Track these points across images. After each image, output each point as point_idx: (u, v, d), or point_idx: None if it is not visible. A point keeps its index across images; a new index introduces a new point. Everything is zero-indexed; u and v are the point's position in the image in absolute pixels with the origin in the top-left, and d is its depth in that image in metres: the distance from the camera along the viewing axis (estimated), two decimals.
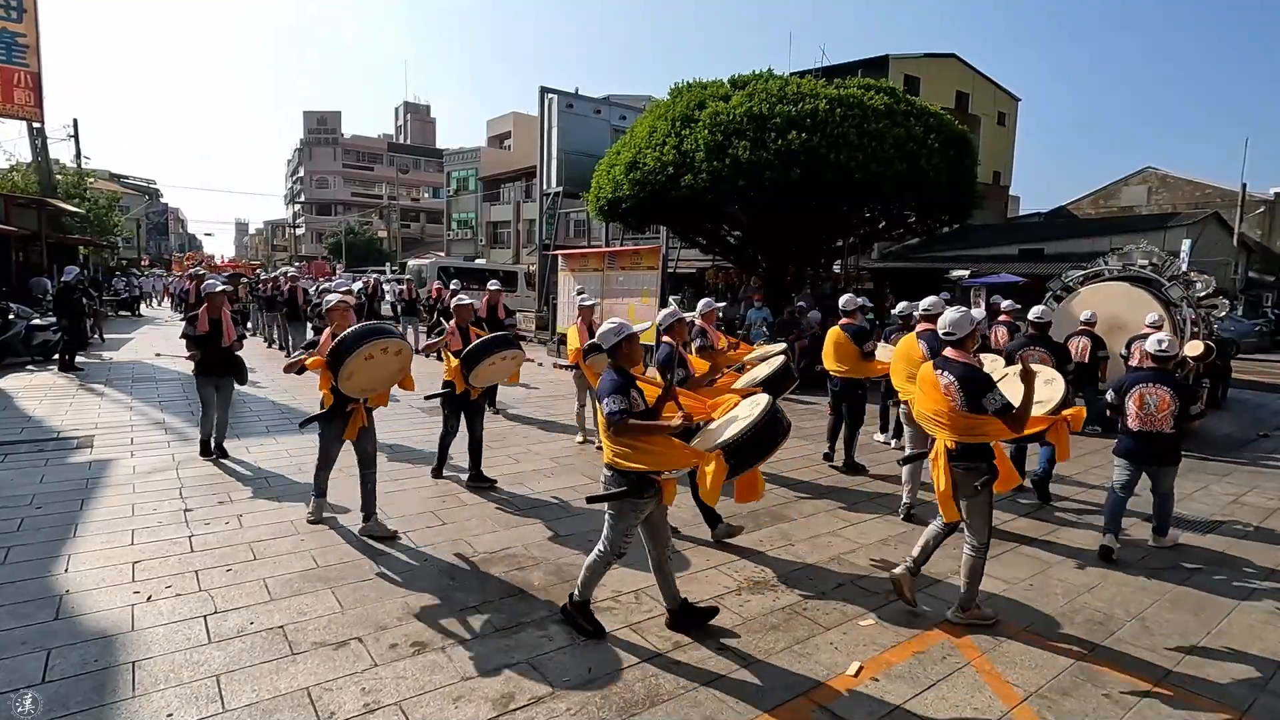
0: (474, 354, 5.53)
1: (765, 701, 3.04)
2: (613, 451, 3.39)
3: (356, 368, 4.31)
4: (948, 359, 3.72)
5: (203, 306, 6.23)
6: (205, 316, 6.17)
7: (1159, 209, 30.02)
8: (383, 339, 4.37)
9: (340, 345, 4.28)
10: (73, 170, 28.06)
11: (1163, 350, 4.83)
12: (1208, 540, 5.25)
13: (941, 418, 3.66)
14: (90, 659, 3.16)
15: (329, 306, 4.81)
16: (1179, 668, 3.43)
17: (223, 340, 6.22)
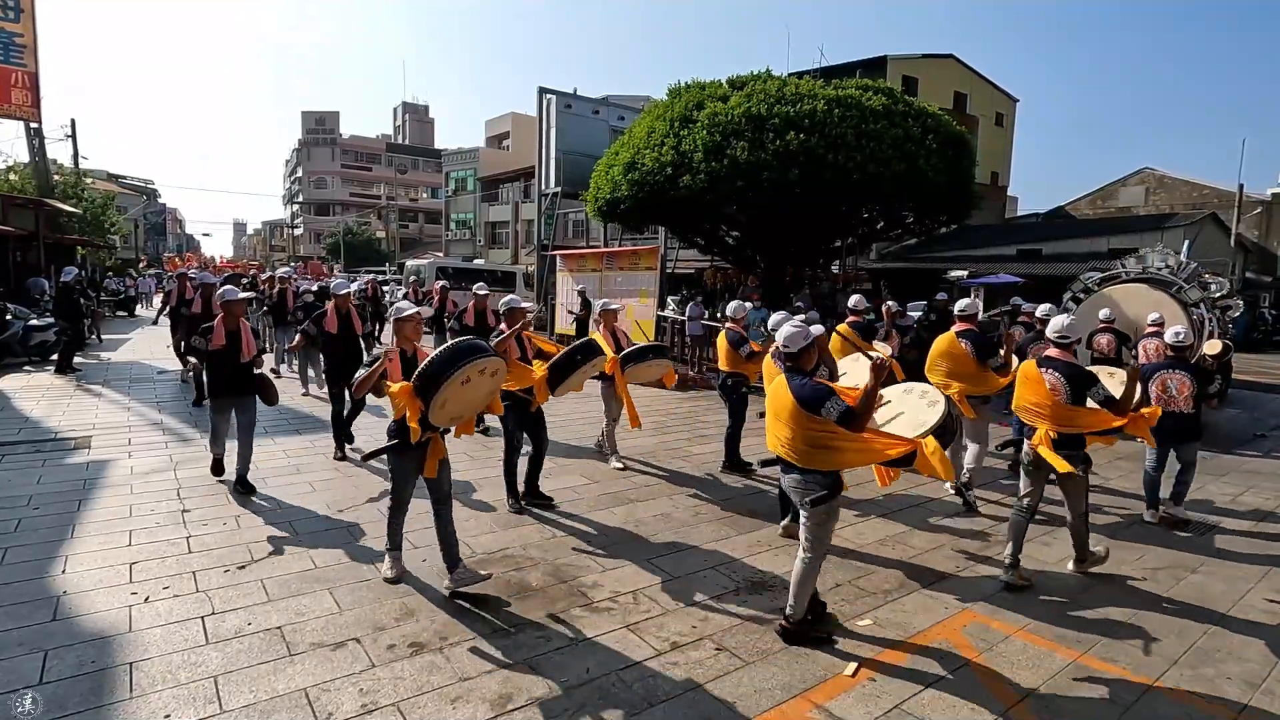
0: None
1: (763, 702, 3.04)
2: (809, 457, 3.39)
3: (452, 394, 3.70)
4: (1052, 359, 4.24)
5: (218, 317, 5.39)
6: (221, 328, 5.31)
7: (1157, 209, 30.06)
8: (480, 358, 3.73)
9: (433, 368, 3.64)
10: (70, 170, 28.02)
11: (1180, 341, 5.42)
12: (1205, 539, 5.26)
13: (1044, 410, 4.16)
14: (88, 660, 3.16)
15: (398, 318, 4.09)
16: (1175, 667, 3.44)
17: (241, 354, 5.34)
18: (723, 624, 3.71)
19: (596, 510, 5.44)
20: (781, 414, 3.45)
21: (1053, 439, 4.15)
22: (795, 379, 3.43)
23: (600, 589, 4.08)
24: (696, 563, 4.51)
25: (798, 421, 3.37)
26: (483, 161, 45.86)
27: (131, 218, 41.09)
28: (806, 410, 3.32)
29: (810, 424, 3.33)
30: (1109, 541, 4.97)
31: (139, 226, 43.90)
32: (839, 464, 3.43)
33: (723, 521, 5.28)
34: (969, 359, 5.57)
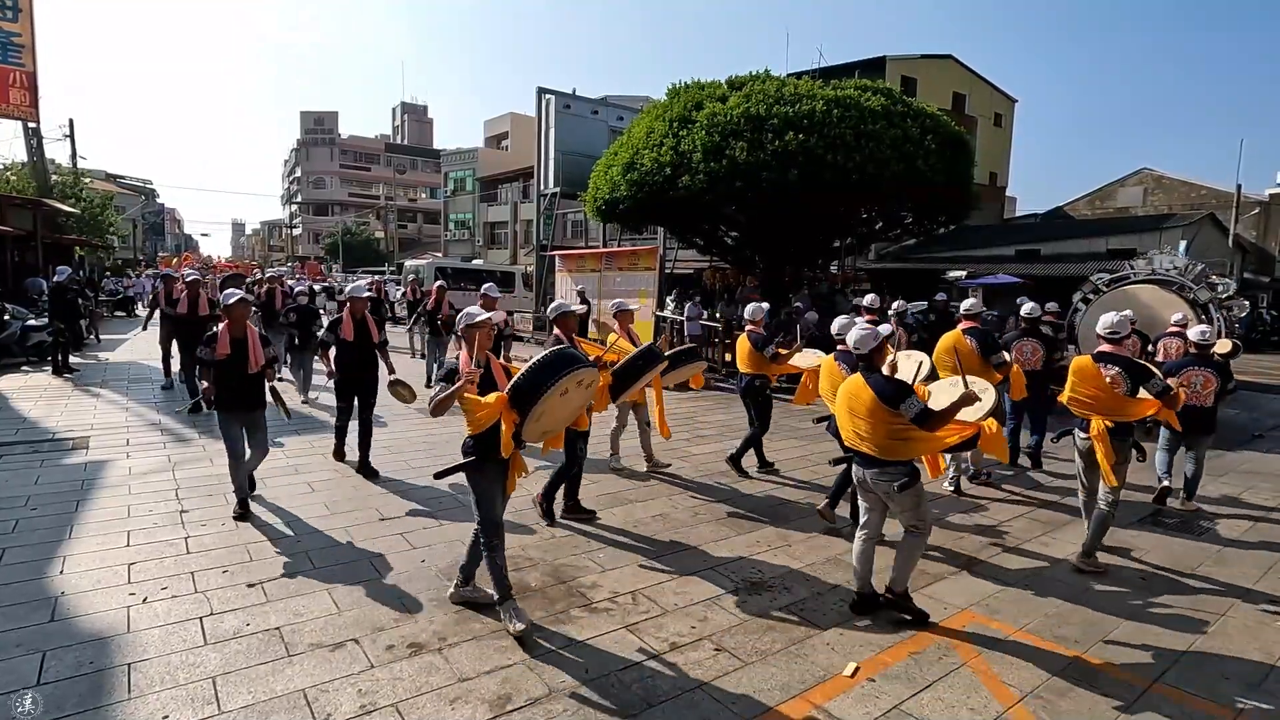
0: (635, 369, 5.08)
1: (762, 702, 3.04)
2: (889, 450, 3.69)
3: (549, 407, 3.46)
4: (1108, 354, 4.55)
5: (223, 324, 4.95)
6: (226, 335, 4.85)
7: (1155, 210, 30.09)
8: (579, 369, 3.53)
9: (533, 379, 3.41)
10: (68, 170, 28.00)
11: (1204, 340, 5.90)
12: (1203, 540, 5.26)
13: (1096, 402, 4.46)
14: (85, 661, 3.15)
15: (470, 324, 3.65)
16: (1174, 668, 3.44)
17: (249, 364, 4.90)
18: (722, 624, 3.71)
19: (595, 510, 5.43)
20: (859, 410, 3.71)
21: (1109, 428, 4.43)
22: (873, 377, 3.71)
23: (599, 589, 4.08)
24: (695, 563, 4.51)
25: (877, 417, 3.64)
26: (481, 162, 45.84)
27: (130, 217, 41.05)
28: (888, 406, 3.59)
29: (891, 419, 3.62)
30: (1113, 540, 4.99)
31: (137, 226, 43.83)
32: (913, 453, 3.77)
33: (721, 522, 5.28)
34: (974, 355, 5.90)
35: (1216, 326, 9.15)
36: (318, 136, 66.85)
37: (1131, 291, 10.04)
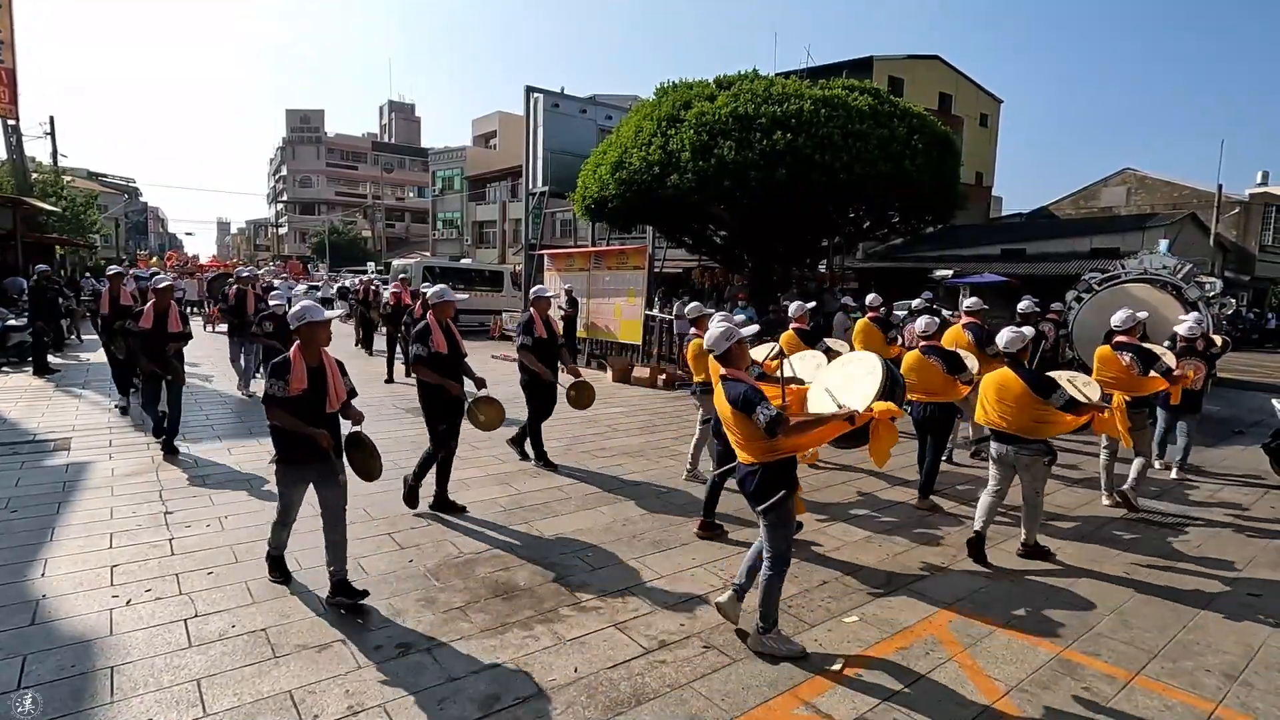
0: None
1: (750, 698, 3.06)
2: (1032, 431, 4.39)
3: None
4: (1123, 343, 5.74)
5: (294, 346, 3.70)
6: (300, 364, 3.64)
7: (1138, 209, 30.46)
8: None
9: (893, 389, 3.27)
10: (49, 168, 27.60)
11: (1192, 334, 6.74)
12: (1185, 535, 5.34)
13: (1117, 382, 5.54)
14: (67, 664, 3.11)
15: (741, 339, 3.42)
16: (1156, 661, 3.49)
17: (328, 401, 3.75)
18: (710, 622, 3.72)
19: (584, 509, 5.44)
20: (1007, 398, 4.45)
21: (1127, 402, 5.44)
22: (1024, 371, 4.49)
23: (588, 588, 4.08)
24: (684, 561, 4.52)
25: (1023, 404, 4.39)
26: (470, 160, 45.65)
27: (112, 216, 40.52)
28: (1039, 396, 4.33)
29: (1037, 407, 4.35)
30: (1098, 535, 5.06)
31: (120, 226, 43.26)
32: (1049, 434, 4.50)
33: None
34: (971, 346, 6.67)
35: (1206, 323, 9.40)
36: (304, 135, 66.27)
37: (1123, 290, 10.29)
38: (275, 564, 4.04)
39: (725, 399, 3.31)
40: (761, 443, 3.25)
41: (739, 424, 3.29)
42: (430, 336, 5.08)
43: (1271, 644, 3.68)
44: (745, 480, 3.39)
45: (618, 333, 13.12)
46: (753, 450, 3.31)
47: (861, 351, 4.32)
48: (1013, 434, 4.48)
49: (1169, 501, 6.18)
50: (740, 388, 3.26)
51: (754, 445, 3.29)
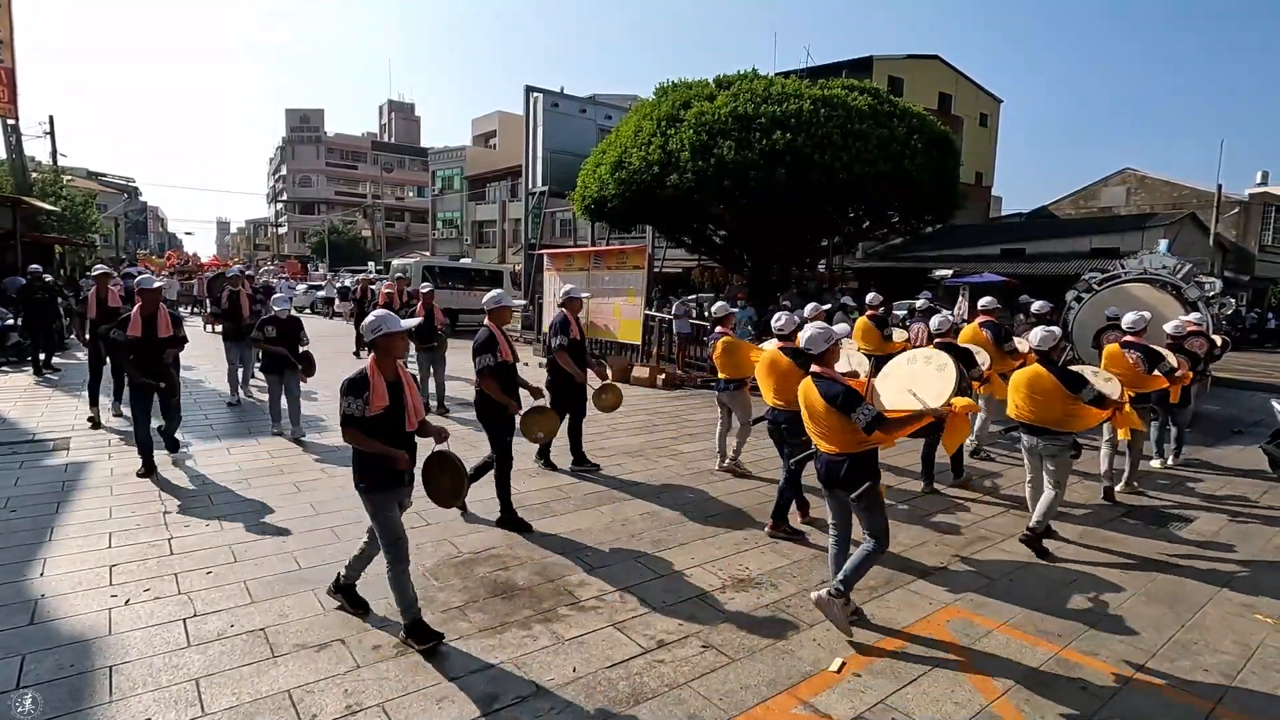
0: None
1: (749, 698, 3.06)
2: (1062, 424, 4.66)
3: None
4: (1131, 343, 6.10)
5: (369, 359, 3.43)
6: (379, 379, 3.33)
7: (1137, 209, 30.47)
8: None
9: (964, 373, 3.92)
10: (49, 168, 27.59)
11: (1177, 332, 6.91)
12: (1183, 535, 5.34)
13: (1126, 378, 5.59)
14: (66, 664, 3.11)
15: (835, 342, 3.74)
16: (1154, 660, 3.49)
17: (406, 419, 3.44)
18: (709, 621, 3.72)
19: (584, 509, 5.44)
20: (1039, 393, 4.68)
21: (1132, 397, 5.54)
22: (1053, 367, 4.71)
23: (587, 588, 4.08)
24: (683, 561, 4.52)
25: (1054, 399, 4.63)
26: (469, 160, 45.65)
27: (112, 216, 40.50)
28: (1072, 392, 4.57)
29: (1068, 402, 4.60)
30: (1096, 534, 5.06)
31: (120, 225, 43.24)
32: (1076, 428, 4.77)
33: (709, 520, 5.29)
34: (989, 344, 6.92)
35: (1206, 323, 9.51)
36: (303, 134, 66.24)
37: (1124, 290, 10.35)
38: (349, 594, 3.69)
39: (820, 395, 3.56)
40: (850, 436, 3.51)
41: (830, 418, 3.55)
42: (497, 346, 4.81)
43: (1269, 644, 3.69)
44: (832, 469, 3.64)
45: (617, 332, 13.11)
46: (840, 442, 3.56)
47: (929, 349, 4.55)
48: (1043, 427, 4.76)
49: (1168, 501, 6.19)
50: (837, 387, 3.52)
51: (842, 438, 3.55)
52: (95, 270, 8.08)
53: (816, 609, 3.64)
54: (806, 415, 3.71)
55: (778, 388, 5.01)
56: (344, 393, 3.32)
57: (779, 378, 4.99)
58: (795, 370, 4.78)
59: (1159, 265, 10.50)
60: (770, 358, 5.12)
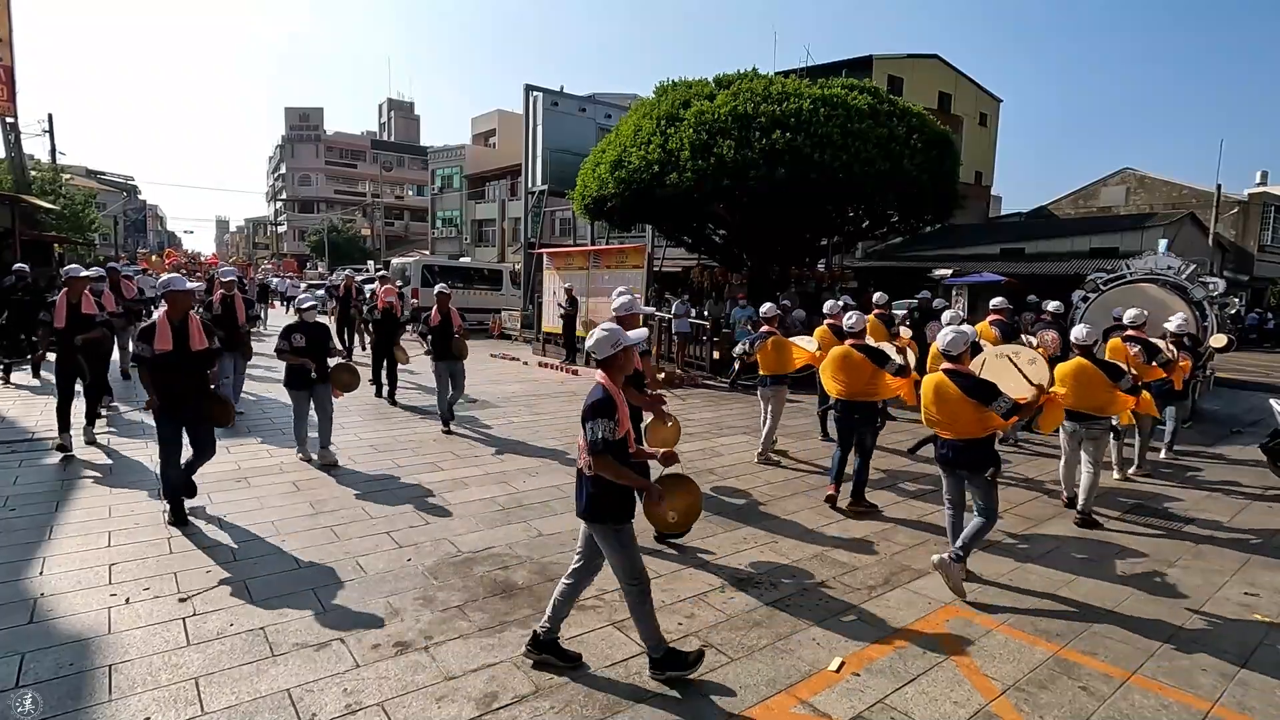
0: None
1: (748, 698, 3.06)
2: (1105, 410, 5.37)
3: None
4: (1132, 336, 6.75)
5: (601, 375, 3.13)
6: (620, 396, 3.11)
7: (1137, 209, 30.48)
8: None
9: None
10: (47, 166, 27.54)
11: (1181, 329, 7.33)
12: (1182, 534, 5.35)
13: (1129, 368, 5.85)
14: (65, 663, 3.11)
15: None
16: (1153, 659, 3.50)
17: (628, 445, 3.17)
18: (709, 620, 3.73)
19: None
20: (1084, 382, 5.26)
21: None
22: (1095, 360, 5.36)
23: (586, 587, 4.07)
24: (682, 560, 4.52)
25: (1097, 387, 5.26)
26: (469, 159, 45.58)
27: (111, 214, 40.44)
28: (1112, 380, 5.24)
29: (1108, 390, 5.25)
30: (1095, 534, 5.07)
31: (119, 223, 43.17)
32: (1111, 413, 5.47)
33: (708, 519, 5.29)
34: (998, 340, 7.38)
35: (1211, 322, 9.91)
36: (303, 133, 66.13)
37: (1131, 290, 10.53)
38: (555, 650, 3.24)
39: (959, 389, 4.11)
40: (977, 424, 4.11)
41: (961, 408, 4.11)
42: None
43: (1268, 643, 3.69)
44: (957, 452, 4.22)
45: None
46: (966, 430, 4.16)
47: (1018, 346, 5.36)
48: (1084, 413, 5.36)
49: (1167, 500, 6.19)
50: (972, 380, 4.17)
51: (970, 426, 4.14)
52: (67, 270, 6.63)
53: (936, 570, 4.16)
54: (933, 406, 4.23)
55: (847, 380, 5.48)
56: (590, 416, 2.99)
57: (849, 371, 5.45)
58: (867, 364, 5.40)
59: (1164, 265, 10.66)
60: (842, 352, 5.54)
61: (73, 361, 6.41)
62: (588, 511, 3.10)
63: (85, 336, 6.37)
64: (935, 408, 4.23)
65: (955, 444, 4.21)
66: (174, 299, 4.74)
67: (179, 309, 4.74)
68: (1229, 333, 9.80)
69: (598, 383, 3.09)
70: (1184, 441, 8.51)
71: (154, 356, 4.59)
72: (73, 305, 6.40)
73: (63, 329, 6.31)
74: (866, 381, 5.44)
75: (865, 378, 5.43)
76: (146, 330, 4.66)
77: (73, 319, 6.35)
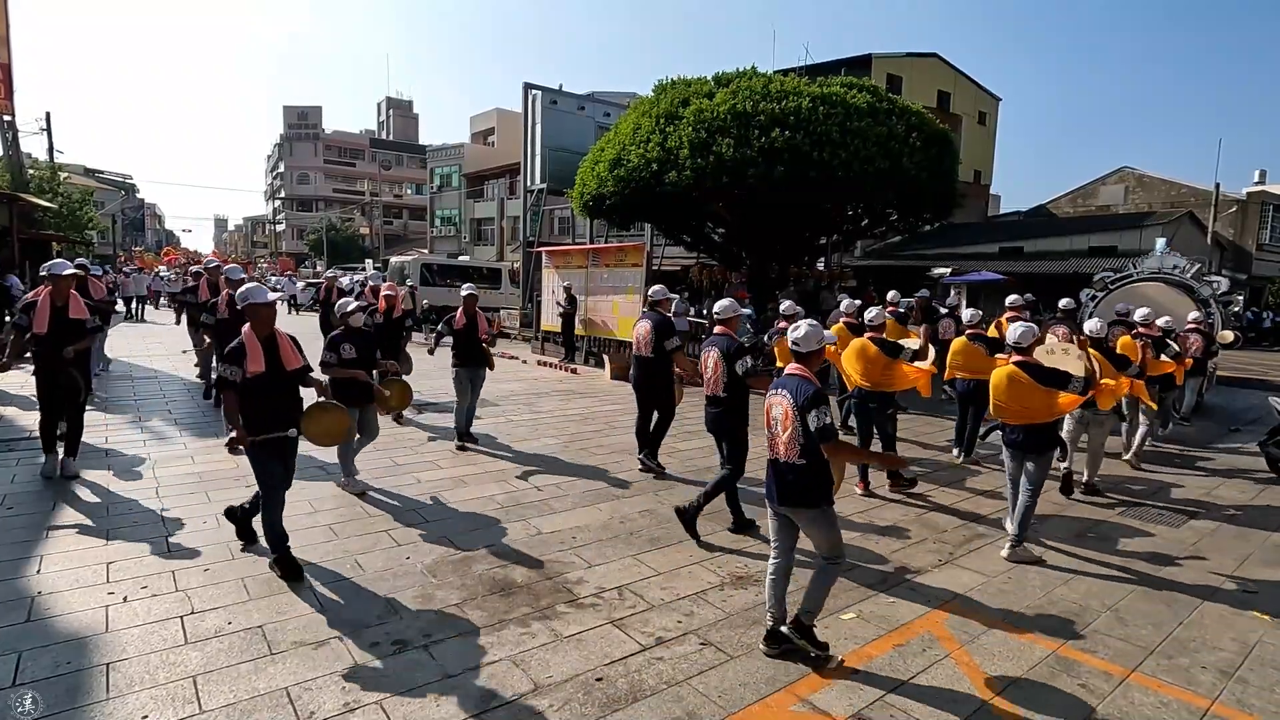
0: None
1: (747, 695, 3.06)
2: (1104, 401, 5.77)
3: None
4: (1142, 333, 7.30)
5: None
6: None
7: (1135, 208, 30.49)
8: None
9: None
10: (45, 165, 27.49)
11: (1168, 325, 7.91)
12: (1181, 532, 5.35)
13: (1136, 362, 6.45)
14: (63, 661, 3.10)
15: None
16: (1152, 657, 3.50)
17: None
18: (708, 619, 3.72)
19: (581, 506, 5.43)
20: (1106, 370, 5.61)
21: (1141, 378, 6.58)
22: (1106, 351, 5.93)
23: (585, 585, 4.07)
24: (681, 558, 4.52)
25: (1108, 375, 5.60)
26: (468, 158, 45.55)
27: (109, 213, 40.37)
28: (1118, 369, 5.77)
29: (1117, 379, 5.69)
30: (1093, 532, 5.06)
31: (117, 222, 43.09)
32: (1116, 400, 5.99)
33: (707, 517, 5.27)
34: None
35: (1217, 319, 10.30)
36: (301, 131, 66.04)
37: (1139, 288, 10.91)
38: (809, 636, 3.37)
39: (1033, 378, 4.56)
40: (1046, 410, 4.58)
41: (1031, 396, 4.56)
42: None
43: (1267, 640, 3.69)
44: (1029, 436, 4.65)
45: (616, 330, 13.10)
46: (1035, 415, 4.61)
47: (1065, 343, 5.78)
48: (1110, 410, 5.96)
49: (1166, 499, 6.20)
50: (1043, 369, 4.67)
51: (1040, 413, 4.61)
52: (47, 267, 5.55)
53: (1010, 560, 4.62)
54: (1005, 396, 4.63)
55: (864, 371, 5.83)
56: (814, 405, 3.21)
57: (866, 362, 5.82)
58: (881, 356, 5.78)
59: (1171, 265, 11.02)
60: (860, 344, 5.88)
61: (61, 373, 5.40)
62: (801, 498, 3.31)
63: (78, 347, 5.40)
64: (1006, 397, 4.63)
65: (1025, 429, 4.63)
66: (257, 312, 3.99)
67: (265, 324, 4.00)
68: (1235, 329, 10.28)
69: (801, 377, 3.35)
70: (1182, 440, 8.52)
71: (247, 380, 3.89)
72: (58, 308, 5.40)
73: (45, 335, 5.31)
74: (881, 372, 5.80)
75: (880, 368, 5.79)
76: (235, 351, 3.92)
77: (58, 324, 5.35)
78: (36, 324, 5.29)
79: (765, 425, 3.47)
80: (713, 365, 5.09)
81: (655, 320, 6.21)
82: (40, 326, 5.30)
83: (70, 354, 5.35)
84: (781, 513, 3.43)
